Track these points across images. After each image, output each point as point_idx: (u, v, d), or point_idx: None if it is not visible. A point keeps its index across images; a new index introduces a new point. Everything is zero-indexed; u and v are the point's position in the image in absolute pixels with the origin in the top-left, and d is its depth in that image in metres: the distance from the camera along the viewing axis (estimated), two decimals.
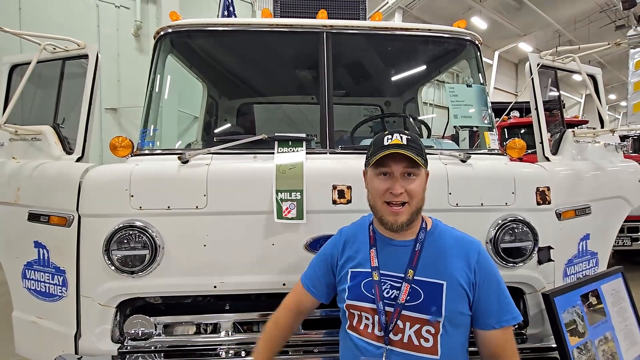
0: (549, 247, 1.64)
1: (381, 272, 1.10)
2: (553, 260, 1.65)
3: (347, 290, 1.14)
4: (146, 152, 1.78)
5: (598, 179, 1.97)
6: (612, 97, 23.74)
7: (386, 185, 1.07)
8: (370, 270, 1.11)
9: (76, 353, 1.52)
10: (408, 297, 1.04)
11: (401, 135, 1.09)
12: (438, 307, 1.02)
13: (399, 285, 1.06)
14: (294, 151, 1.65)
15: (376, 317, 1.06)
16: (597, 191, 1.94)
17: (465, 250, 1.08)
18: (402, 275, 1.07)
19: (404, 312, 1.04)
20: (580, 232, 1.86)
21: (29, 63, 1.83)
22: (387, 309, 1.06)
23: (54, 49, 1.94)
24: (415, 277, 1.05)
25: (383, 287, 1.08)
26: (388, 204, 1.07)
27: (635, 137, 7.90)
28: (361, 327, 1.10)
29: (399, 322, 1.04)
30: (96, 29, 7.02)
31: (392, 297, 1.06)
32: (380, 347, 1.05)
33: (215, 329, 1.61)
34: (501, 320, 1.04)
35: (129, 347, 1.52)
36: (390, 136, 1.09)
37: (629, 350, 1.44)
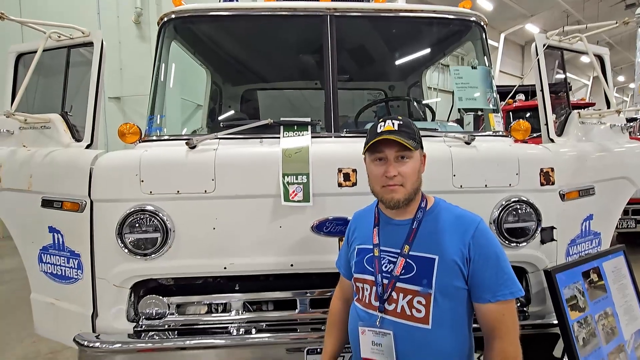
0: (552, 227, 1.66)
1: (381, 248, 1.18)
2: (556, 240, 1.67)
3: (354, 265, 1.24)
4: (154, 138, 1.81)
5: (603, 160, 1.97)
6: (621, 78, 23.23)
7: (382, 170, 1.14)
8: (372, 246, 1.19)
9: (94, 332, 1.59)
10: (403, 270, 1.11)
11: (393, 121, 1.15)
12: (429, 280, 1.08)
13: (395, 259, 1.14)
14: (299, 135, 1.67)
15: (374, 288, 1.15)
16: (602, 172, 1.95)
17: (463, 226, 1.12)
18: (399, 251, 1.14)
19: (398, 284, 1.11)
20: (584, 212, 1.88)
21: (35, 52, 1.84)
22: (383, 281, 1.14)
23: (59, 37, 1.95)
24: (410, 253, 1.12)
25: (382, 262, 1.16)
26: (385, 187, 1.14)
27: None
28: (363, 299, 1.19)
29: (393, 293, 1.12)
30: (96, 16, 6.96)
31: (389, 270, 1.14)
32: (375, 315, 1.13)
33: (226, 308, 1.67)
34: (497, 295, 1.07)
35: (143, 326, 1.58)
36: (383, 123, 1.16)
37: (629, 325, 1.48)
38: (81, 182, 1.60)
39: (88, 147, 1.80)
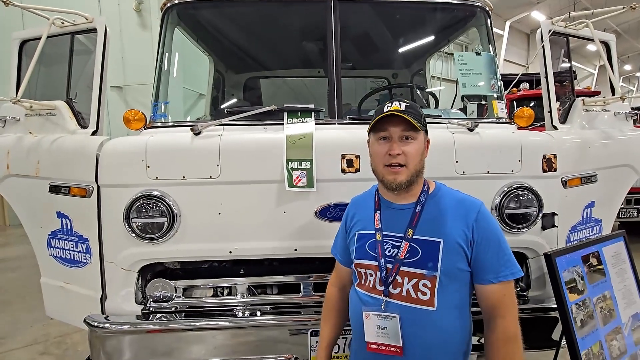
0: (553, 214, 1.68)
1: (384, 232, 1.18)
2: (557, 226, 1.69)
3: (355, 251, 1.23)
4: (159, 124, 1.82)
5: (606, 148, 1.97)
6: (628, 67, 22.87)
7: (385, 149, 1.14)
8: (374, 231, 1.19)
9: (103, 314, 1.63)
10: (407, 255, 1.12)
11: (400, 102, 1.15)
12: (434, 263, 1.09)
13: (398, 244, 1.14)
14: (303, 122, 1.68)
15: (378, 273, 1.15)
16: (605, 159, 1.95)
17: (465, 209, 1.13)
18: (402, 235, 1.14)
19: (402, 268, 1.12)
20: (586, 199, 1.89)
21: (39, 38, 1.84)
22: (387, 265, 1.14)
23: (62, 23, 1.95)
24: (414, 236, 1.13)
25: (385, 246, 1.16)
26: (388, 167, 1.13)
27: None
28: (366, 284, 1.19)
29: (398, 277, 1.12)
30: (97, 4, 6.90)
31: (392, 254, 1.14)
32: (379, 299, 1.13)
33: (231, 291, 1.71)
34: (499, 276, 1.09)
35: (151, 308, 1.63)
36: (390, 104, 1.16)
37: (627, 309, 1.50)
38: (88, 168, 1.62)
39: (94, 133, 1.82)
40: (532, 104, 5.48)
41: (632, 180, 2.10)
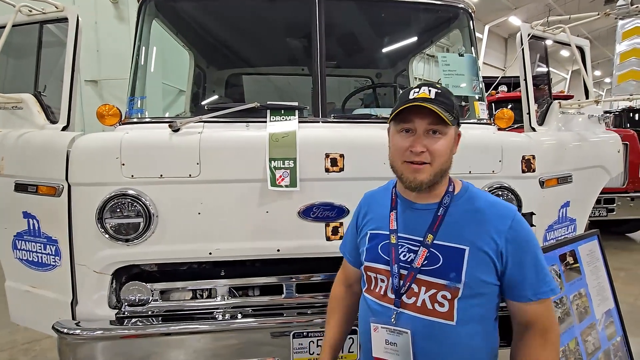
0: (532, 213, 1.72)
1: (400, 235, 1.04)
2: (534, 226, 1.73)
3: (365, 252, 1.10)
4: (135, 120, 1.75)
5: (580, 149, 2.04)
6: (597, 73, 23.99)
7: (407, 143, 0.97)
8: (388, 232, 1.06)
9: (73, 319, 1.55)
10: (425, 262, 0.98)
11: (430, 88, 0.97)
12: (457, 273, 0.94)
13: (416, 249, 1.00)
14: (286, 120, 1.64)
15: (390, 279, 1.01)
16: (579, 161, 2.02)
17: (497, 215, 0.98)
18: (421, 239, 1.00)
19: (419, 276, 0.98)
20: (562, 199, 1.95)
21: (3, 27, 1.73)
22: (401, 271, 1.00)
23: (30, 11, 1.84)
24: (434, 242, 0.98)
25: (400, 250, 1.02)
26: (409, 163, 0.98)
27: (617, 113, 8.11)
28: (376, 290, 1.06)
29: (414, 286, 0.98)
30: None
31: (408, 260, 1.00)
32: (390, 309, 1.00)
33: (211, 294, 1.66)
34: (538, 293, 0.95)
35: (126, 312, 1.55)
36: (417, 89, 0.98)
37: (600, 305, 1.56)
38: (58, 166, 1.53)
39: (64, 129, 1.72)
40: (509, 106, 5.64)
41: (604, 181, 2.19)
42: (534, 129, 2.00)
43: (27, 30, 1.86)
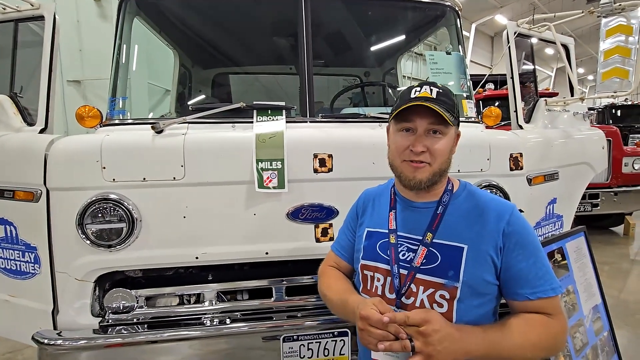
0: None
1: (399, 234, 1.03)
2: None
3: (362, 250, 1.09)
4: (116, 122, 1.69)
5: (566, 146, 2.06)
6: (581, 70, 24.56)
7: (407, 142, 0.97)
8: (387, 231, 1.05)
9: (55, 329, 1.49)
10: (424, 261, 0.97)
11: (431, 87, 0.97)
12: (456, 272, 0.93)
13: (415, 248, 0.99)
14: (273, 120, 1.61)
15: (389, 279, 1.01)
16: (565, 157, 2.04)
17: (496, 212, 0.97)
18: (420, 238, 0.99)
19: (418, 276, 0.97)
20: (549, 196, 1.97)
21: None
22: (401, 271, 0.99)
23: (4, 9, 1.76)
24: (434, 241, 0.98)
25: (399, 249, 1.01)
26: (408, 162, 0.98)
27: (600, 110, 8.30)
28: (372, 290, 1.04)
29: (412, 286, 0.97)
30: None
31: (407, 259, 1.00)
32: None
33: (199, 299, 1.62)
34: (537, 291, 0.92)
35: (110, 321, 1.50)
36: (418, 88, 0.97)
37: (587, 301, 1.58)
38: (35, 170, 1.47)
39: (42, 131, 1.66)
40: (497, 104, 5.71)
41: (589, 177, 2.22)
42: (521, 127, 2.01)
43: (3, 28, 1.78)
